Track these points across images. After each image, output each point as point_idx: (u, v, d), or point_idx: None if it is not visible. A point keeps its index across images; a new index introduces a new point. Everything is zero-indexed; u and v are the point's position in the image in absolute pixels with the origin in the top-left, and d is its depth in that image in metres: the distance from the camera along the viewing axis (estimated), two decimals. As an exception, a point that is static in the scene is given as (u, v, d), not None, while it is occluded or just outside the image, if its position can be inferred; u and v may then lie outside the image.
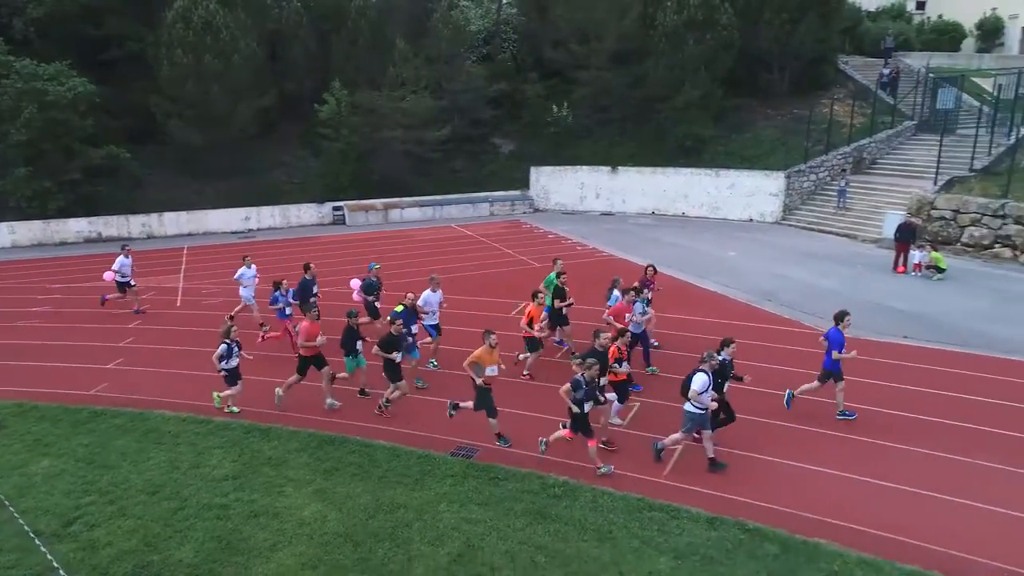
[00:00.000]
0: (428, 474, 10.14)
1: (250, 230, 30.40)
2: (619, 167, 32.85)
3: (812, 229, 28.11)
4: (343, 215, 31.67)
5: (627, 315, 12.94)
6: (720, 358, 10.18)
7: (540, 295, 13.63)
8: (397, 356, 11.69)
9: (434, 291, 13.91)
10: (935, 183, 25.52)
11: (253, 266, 16.82)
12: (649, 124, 33.79)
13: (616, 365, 10.96)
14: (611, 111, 34.34)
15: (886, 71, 34.33)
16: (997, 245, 22.66)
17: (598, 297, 17.92)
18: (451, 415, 11.33)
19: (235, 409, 12.27)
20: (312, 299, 14.99)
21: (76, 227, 28.32)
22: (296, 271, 22.81)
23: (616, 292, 13.91)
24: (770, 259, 23.22)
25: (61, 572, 8.03)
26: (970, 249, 23.17)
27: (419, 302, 13.46)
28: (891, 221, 23.80)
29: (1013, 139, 26.09)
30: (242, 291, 16.65)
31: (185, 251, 26.20)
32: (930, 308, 17.92)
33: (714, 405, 10.07)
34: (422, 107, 31.68)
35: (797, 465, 10.30)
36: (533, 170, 34.17)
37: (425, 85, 32.39)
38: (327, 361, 12.29)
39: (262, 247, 26.98)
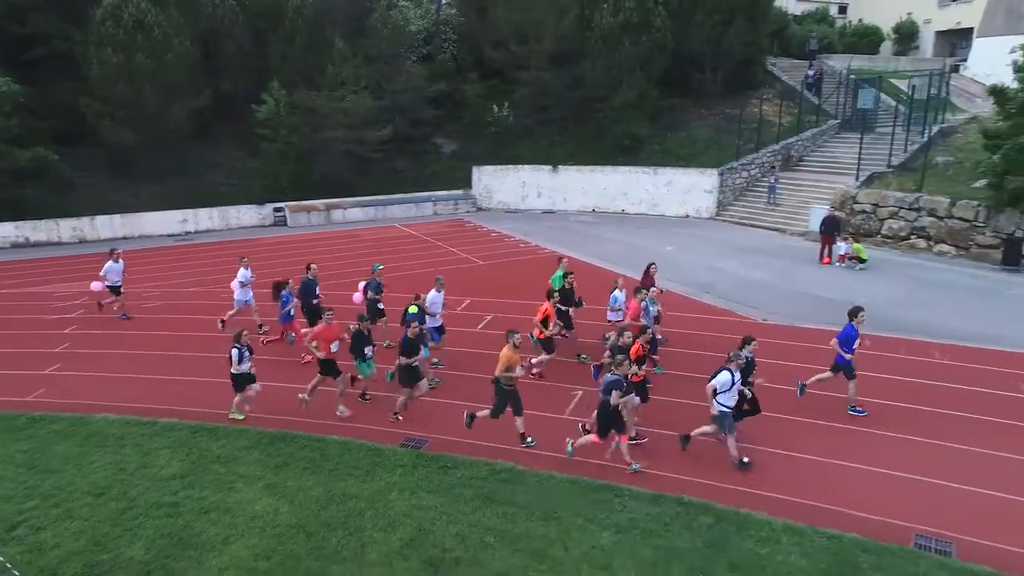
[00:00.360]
0: (379, 465, 10.37)
1: (188, 233, 29.82)
2: (560, 166, 33.48)
3: (745, 224, 29.26)
4: (284, 216, 31.36)
5: (642, 315, 13.11)
6: (744, 355, 10.39)
7: (556, 295, 13.63)
8: (415, 361, 11.56)
9: (439, 291, 13.99)
10: (857, 179, 26.90)
11: (249, 269, 16.30)
12: (588, 124, 34.51)
13: (636, 366, 10.93)
14: (551, 111, 34.94)
15: (811, 72, 35.92)
16: (913, 236, 24.10)
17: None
18: (530, 444, 11.03)
19: (240, 415, 12.02)
20: (315, 300, 15.00)
21: (2, 232, 27.27)
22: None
23: (617, 292, 14.12)
24: (706, 253, 24.12)
25: (15, 572, 7.98)
26: (889, 240, 24.58)
27: (426, 303, 13.59)
28: (817, 215, 25.02)
29: (926, 137, 27.72)
30: (238, 293, 16.16)
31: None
32: (853, 296, 18.89)
33: (719, 409, 10.13)
34: (362, 107, 31.62)
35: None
36: (475, 169, 34.51)
37: (365, 85, 32.33)
38: (340, 370, 12.13)
39: (201, 250, 26.59)
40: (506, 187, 34.32)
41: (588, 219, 31.41)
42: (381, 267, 15.68)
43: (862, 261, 21.91)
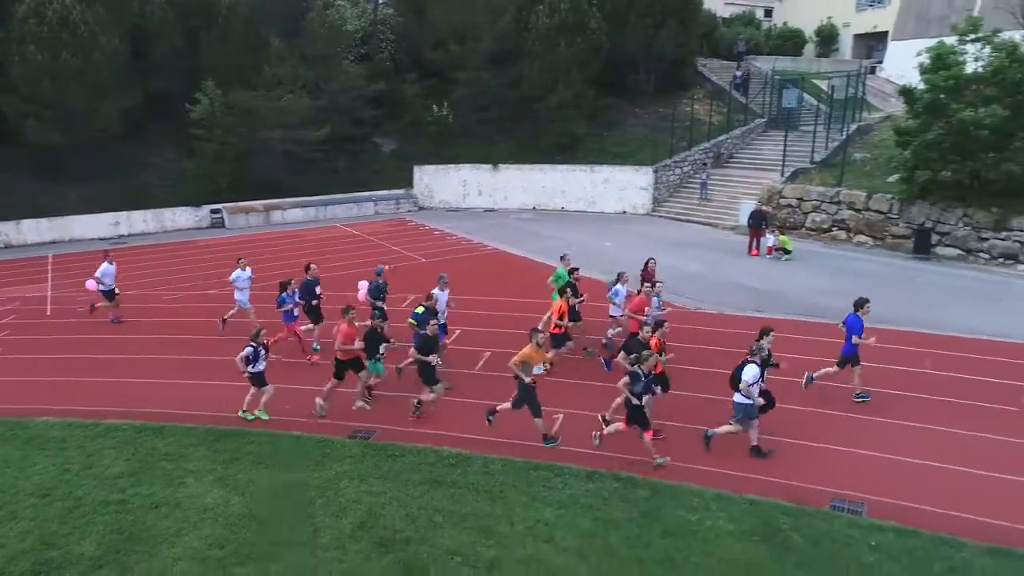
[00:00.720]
0: (328, 456, 10.60)
1: (121, 236, 29.10)
2: (500, 165, 33.99)
3: (680, 219, 30.34)
4: (222, 218, 30.92)
5: (646, 308, 13.33)
6: (765, 347, 10.59)
7: (568, 290, 13.83)
8: (434, 359, 11.59)
9: (442, 290, 14.01)
10: (782, 174, 28.26)
11: (248, 268, 16.08)
12: (526, 123, 35.12)
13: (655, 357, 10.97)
14: (490, 110, 35.39)
15: (738, 73, 37.43)
16: (834, 228, 25.53)
17: (491, 288, 18.88)
18: (490, 422, 11.19)
19: (265, 416, 11.86)
20: (315, 301, 14.88)
21: (-80, 237, 26.16)
22: (177, 275, 22.40)
23: (619, 286, 14.39)
24: (642, 248, 24.76)
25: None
26: (813, 233, 25.96)
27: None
28: (746, 209, 26.23)
29: (845, 135, 29.33)
30: (237, 295, 15.96)
31: (50, 259, 24.85)
32: (779, 285, 20.11)
33: (761, 401, 10.42)
34: (300, 107, 31.40)
35: (659, 423, 11.57)
36: (416, 169, 34.69)
37: (303, 85, 32.13)
38: (365, 365, 12.08)
39: (137, 253, 26.02)
40: (447, 186, 34.63)
41: (529, 216, 32.00)
42: (386, 267, 15.55)
43: (787, 252, 23.12)
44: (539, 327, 14.97)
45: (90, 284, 17.36)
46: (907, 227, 23.55)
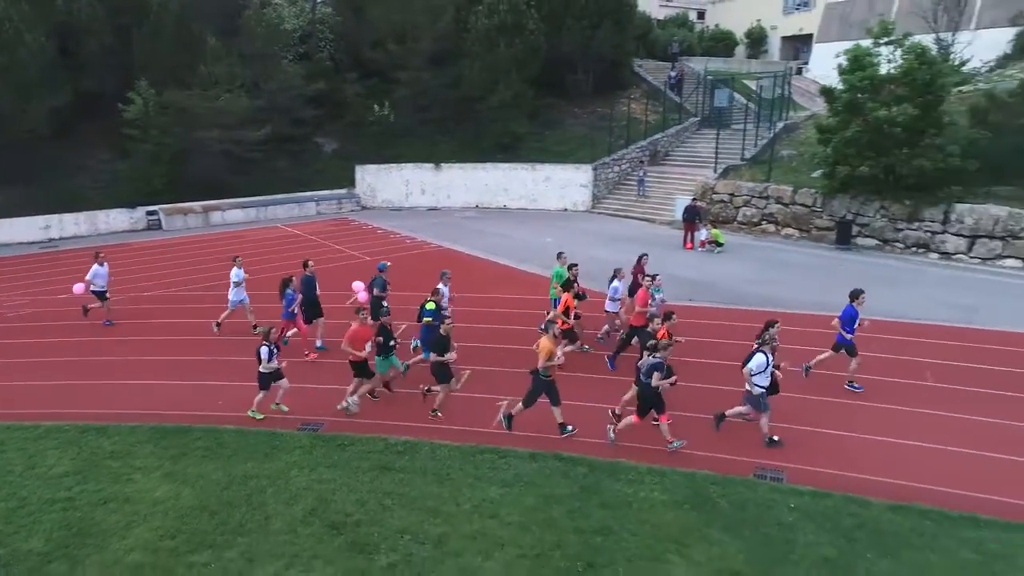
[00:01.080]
0: (277, 448, 10.80)
1: (51, 240, 28.24)
2: (442, 164, 34.27)
3: (618, 215, 31.22)
4: (158, 219, 30.31)
5: (649, 301, 13.59)
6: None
7: (575, 286, 14.18)
8: (450, 356, 11.66)
9: (444, 285, 14.24)
10: (715, 171, 29.43)
11: (242, 268, 16.06)
12: (468, 122, 35.48)
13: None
14: (431, 110, 35.62)
15: (673, 73, 38.66)
16: (764, 222, 26.75)
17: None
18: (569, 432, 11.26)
19: (259, 416, 11.84)
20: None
21: None
22: (115, 278, 21.97)
23: (616, 282, 14.76)
24: (582, 243, 25.60)
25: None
26: (744, 226, 27.14)
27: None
28: (681, 205, 27.21)
29: (773, 133, 30.69)
30: (231, 294, 15.87)
31: (-25, 265, 24.04)
32: (712, 276, 21.05)
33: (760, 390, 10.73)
34: (238, 106, 31.01)
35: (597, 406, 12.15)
36: (358, 168, 34.67)
37: (240, 84, 31.73)
38: (372, 371, 12.12)
39: (69, 256, 25.34)
40: (390, 185, 34.73)
41: (472, 214, 32.39)
42: (388, 264, 15.88)
43: (720, 245, 24.17)
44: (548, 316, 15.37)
45: (77, 288, 17.01)
46: (830, 219, 24.88)
